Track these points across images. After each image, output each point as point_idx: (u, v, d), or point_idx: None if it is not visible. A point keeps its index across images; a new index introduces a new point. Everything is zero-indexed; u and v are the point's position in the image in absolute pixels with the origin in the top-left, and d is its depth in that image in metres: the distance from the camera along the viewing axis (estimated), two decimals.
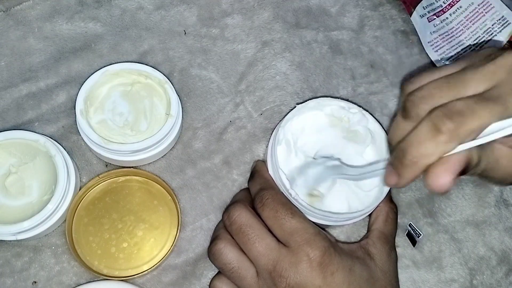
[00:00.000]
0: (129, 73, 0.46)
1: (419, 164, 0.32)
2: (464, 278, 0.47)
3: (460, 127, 0.31)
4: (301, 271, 0.38)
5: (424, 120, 0.32)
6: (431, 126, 0.32)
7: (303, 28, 0.53)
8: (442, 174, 0.32)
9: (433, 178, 0.32)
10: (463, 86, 0.32)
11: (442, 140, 0.31)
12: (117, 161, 0.46)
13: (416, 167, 0.32)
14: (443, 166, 0.32)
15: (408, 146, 0.33)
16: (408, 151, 0.33)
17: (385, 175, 0.36)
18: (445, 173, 0.32)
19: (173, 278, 0.45)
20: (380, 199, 0.41)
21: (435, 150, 0.32)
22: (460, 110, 0.31)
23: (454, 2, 0.49)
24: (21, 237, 0.42)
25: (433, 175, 0.32)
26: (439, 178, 0.32)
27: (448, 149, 0.31)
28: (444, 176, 0.32)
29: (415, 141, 0.32)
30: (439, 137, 0.31)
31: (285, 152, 0.44)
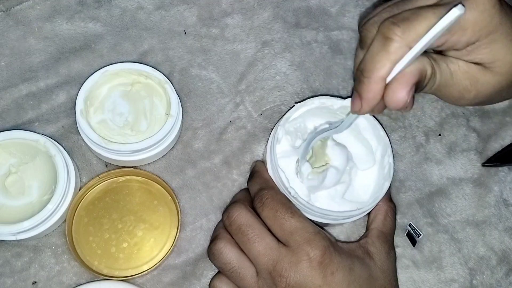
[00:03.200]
0: (129, 73, 0.46)
1: (375, 77, 0.33)
2: (464, 278, 0.47)
3: (407, 30, 0.31)
4: (301, 271, 0.38)
5: (375, 36, 0.33)
6: (381, 37, 0.32)
7: (303, 28, 0.53)
8: (398, 88, 0.33)
9: (390, 93, 0.33)
10: (411, 3, 0.34)
11: (392, 47, 0.32)
12: (117, 161, 0.46)
13: (373, 81, 0.33)
14: (398, 80, 0.33)
15: (364, 64, 0.33)
16: (364, 68, 0.33)
17: (351, 103, 0.36)
18: (400, 86, 0.33)
19: (173, 278, 0.45)
20: (379, 197, 0.42)
21: (387, 58, 0.32)
22: (406, 16, 0.32)
23: None
24: (21, 237, 0.42)
25: (390, 91, 0.33)
26: (395, 93, 0.33)
27: (399, 55, 0.32)
28: (400, 89, 0.33)
29: (368, 57, 0.33)
30: (389, 45, 0.32)
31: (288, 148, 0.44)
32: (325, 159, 0.43)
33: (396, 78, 0.33)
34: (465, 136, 0.50)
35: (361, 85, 0.34)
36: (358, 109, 0.35)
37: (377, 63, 0.32)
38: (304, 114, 0.44)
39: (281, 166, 0.42)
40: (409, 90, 0.33)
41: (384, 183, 0.42)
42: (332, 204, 0.42)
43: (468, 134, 0.50)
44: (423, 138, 0.50)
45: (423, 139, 0.50)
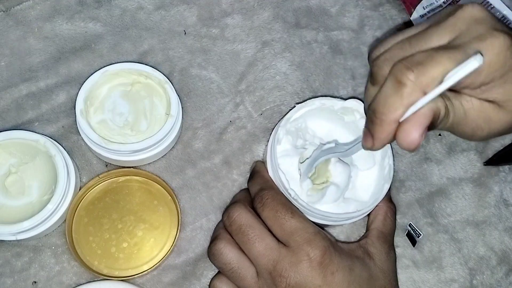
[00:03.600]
0: (129, 73, 0.46)
1: (387, 120, 0.33)
2: (464, 278, 0.47)
3: (421, 76, 0.31)
4: (301, 271, 0.38)
5: (388, 77, 0.33)
6: (394, 81, 0.32)
7: (303, 28, 0.53)
8: (410, 129, 0.32)
9: (403, 134, 0.32)
10: (425, 41, 0.33)
11: (405, 92, 0.31)
12: (117, 161, 0.46)
13: (386, 123, 0.33)
14: (411, 122, 0.32)
15: (376, 105, 0.33)
16: (376, 109, 0.33)
17: (362, 139, 0.36)
18: (413, 128, 0.32)
19: (173, 278, 0.45)
20: (379, 198, 0.41)
21: (400, 103, 0.32)
22: (420, 60, 0.31)
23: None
24: (21, 237, 0.42)
25: (402, 132, 0.32)
26: (408, 133, 0.32)
27: (412, 100, 0.32)
28: (413, 131, 0.32)
29: (381, 99, 0.33)
30: (402, 90, 0.31)
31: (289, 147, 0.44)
32: (326, 175, 0.43)
33: (409, 119, 0.32)
34: None
35: (373, 126, 0.34)
36: (370, 146, 0.35)
37: (390, 106, 0.32)
38: (304, 114, 0.44)
39: (281, 166, 0.42)
40: (422, 132, 0.32)
41: (384, 184, 0.42)
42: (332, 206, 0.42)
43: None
44: None
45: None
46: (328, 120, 0.45)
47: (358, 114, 0.44)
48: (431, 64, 0.31)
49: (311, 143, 0.44)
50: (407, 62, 0.32)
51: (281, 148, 0.43)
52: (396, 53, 0.33)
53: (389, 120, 0.33)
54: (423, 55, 0.32)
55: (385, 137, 0.33)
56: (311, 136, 0.45)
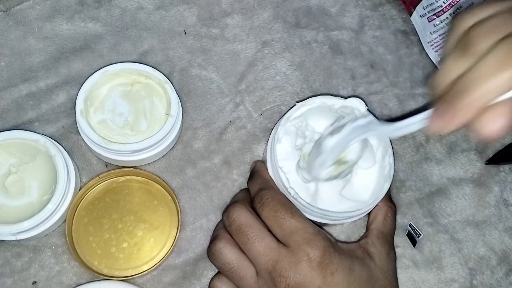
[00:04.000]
0: (129, 73, 0.46)
1: (479, 102, 0.28)
2: (464, 278, 0.47)
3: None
4: (301, 271, 0.38)
5: (492, 51, 0.28)
6: (501, 58, 0.27)
7: (303, 28, 0.53)
8: (495, 117, 0.28)
9: (485, 122, 0.28)
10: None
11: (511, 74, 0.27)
12: (117, 161, 0.46)
13: (476, 105, 0.28)
14: (497, 110, 0.28)
15: (469, 83, 0.28)
16: (470, 87, 0.28)
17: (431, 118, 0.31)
18: (499, 116, 0.28)
19: (173, 278, 0.45)
20: (379, 198, 0.41)
21: (504, 85, 0.27)
22: None
23: (454, 2, 0.49)
24: (21, 237, 0.42)
25: (485, 119, 0.28)
26: (491, 122, 0.28)
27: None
28: (497, 120, 0.28)
29: (479, 76, 0.28)
30: (509, 70, 0.27)
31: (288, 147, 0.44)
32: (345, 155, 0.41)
33: (497, 106, 0.28)
34: (465, 135, 0.50)
35: (458, 105, 0.29)
36: (440, 128, 0.30)
37: (488, 87, 0.27)
38: (305, 113, 0.44)
39: (281, 166, 0.42)
40: (506, 122, 0.28)
41: (384, 183, 0.42)
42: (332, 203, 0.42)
43: (468, 134, 0.50)
44: (423, 138, 0.50)
45: (423, 139, 0.50)
46: (328, 118, 0.45)
47: (359, 113, 0.44)
48: None
49: (311, 139, 0.44)
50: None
51: (281, 147, 0.43)
52: (501, 25, 0.29)
53: (481, 102, 0.28)
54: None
55: (466, 120, 0.29)
56: (311, 133, 0.45)
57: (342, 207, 0.42)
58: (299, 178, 0.43)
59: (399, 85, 0.52)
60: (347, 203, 0.43)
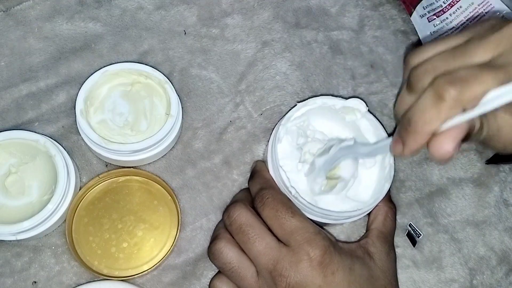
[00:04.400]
0: (129, 73, 0.46)
1: (422, 131, 0.33)
2: (464, 278, 0.47)
3: (462, 93, 0.31)
4: (302, 270, 0.38)
5: (427, 89, 0.32)
6: (434, 94, 0.32)
7: (303, 28, 0.53)
8: (445, 141, 0.32)
9: (436, 145, 0.33)
10: (469, 56, 0.32)
11: (445, 107, 0.31)
12: (117, 161, 0.46)
13: (420, 134, 0.33)
14: (446, 134, 0.32)
15: (412, 115, 0.33)
16: (412, 119, 0.33)
17: (392, 144, 0.36)
18: (447, 140, 0.32)
19: (173, 278, 0.45)
20: (379, 198, 0.42)
21: (437, 116, 0.32)
22: (463, 76, 0.31)
23: (454, 2, 0.49)
24: (21, 237, 0.42)
25: (436, 143, 0.33)
26: (442, 145, 0.32)
27: (450, 115, 0.32)
28: (447, 143, 0.32)
29: (418, 110, 0.33)
30: (441, 105, 0.31)
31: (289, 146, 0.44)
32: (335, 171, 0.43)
33: (443, 132, 0.33)
34: None
35: (406, 134, 0.34)
36: (399, 152, 0.35)
37: (427, 118, 0.32)
38: (306, 113, 0.44)
39: (282, 165, 0.42)
40: (456, 145, 0.32)
41: (385, 184, 0.42)
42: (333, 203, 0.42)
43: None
44: None
45: None
46: (329, 119, 0.45)
47: (359, 114, 0.44)
48: (475, 83, 0.31)
49: (313, 139, 0.44)
50: (450, 77, 0.31)
51: (281, 146, 0.43)
52: (438, 65, 0.33)
53: (424, 132, 0.33)
54: (467, 72, 0.31)
55: (416, 147, 0.34)
56: (312, 132, 0.45)
57: (342, 207, 0.42)
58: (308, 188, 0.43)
59: (399, 85, 0.52)
60: (348, 203, 0.43)
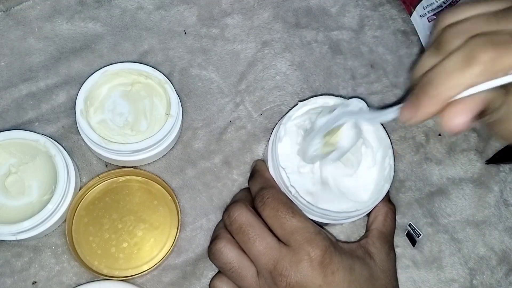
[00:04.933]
0: (129, 73, 0.46)
1: (442, 96, 0.29)
2: (464, 278, 0.47)
3: (500, 57, 0.28)
4: (302, 270, 0.38)
5: (460, 48, 0.29)
6: (467, 55, 0.29)
7: (303, 28, 0.53)
8: (460, 113, 0.29)
9: (450, 117, 0.30)
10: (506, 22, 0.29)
11: (475, 70, 0.28)
12: (117, 161, 0.46)
13: (438, 99, 0.30)
14: (462, 105, 0.29)
15: (435, 76, 0.30)
16: (434, 81, 0.30)
17: (401, 109, 0.33)
18: (463, 111, 0.29)
19: (173, 278, 0.45)
20: (379, 198, 0.42)
21: (464, 81, 0.29)
22: (504, 40, 0.28)
23: (454, 2, 0.49)
24: (21, 237, 0.42)
25: (450, 114, 0.30)
26: (455, 116, 0.29)
27: (478, 81, 0.29)
28: (461, 115, 0.29)
29: (443, 71, 0.30)
30: (473, 67, 0.28)
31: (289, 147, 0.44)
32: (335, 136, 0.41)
33: (461, 101, 0.30)
34: (465, 136, 0.50)
35: (423, 97, 0.31)
36: (409, 117, 0.32)
37: (451, 82, 0.29)
38: (306, 113, 0.44)
39: (282, 164, 0.42)
40: (470, 118, 0.30)
41: (384, 184, 0.42)
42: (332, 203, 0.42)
43: (468, 134, 0.50)
44: (423, 138, 0.50)
45: (423, 139, 0.50)
46: None
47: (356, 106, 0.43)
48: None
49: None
50: (490, 39, 0.28)
51: (282, 146, 0.43)
52: (477, 26, 0.30)
53: (444, 96, 0.29)
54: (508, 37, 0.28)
55: (431, 112, 0.30)
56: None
57: (342, 207, 0.42)
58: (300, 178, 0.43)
59: (399, 85, 0.52)
60: (347, 203, 0.43)
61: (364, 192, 0.44)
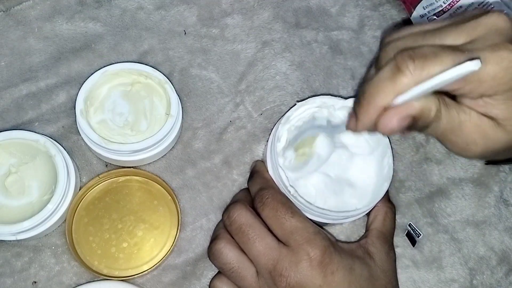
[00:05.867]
0: (129, 73, 0.46)
1: (374, 104, 0.33)
2: (464, 278, 0.47)
3: (420, 68, 0.31)
4: (302, 270, 0.38)
5: (388, 62, 0.33)
6: (393, 66, 0.32)
7: (303, 28, 0.53)
8: (391, 115, 0.32)
9: (383, 119, 0.33)
10: (440, 38, 0.33)
11: (400, 79, 0.31)
12: (117, 161, 0.46)
13: (372, 107, 0.33)
14: (395, 109, 0.32)
15: (368, 86, 0.33)
16: (367, 91, 0.33)
17: (347, 119, 0.36)
18: (394, 114, 0.32)
19: (173, 278, 0.45)
20: (378, 198, 0.42)
21: (392, 89, 0.32)
22: (424, 53, 0.31)
23: (454, 2, 0.49)
24: (21, 237, 0.42)
25: (384, 117, 0.33)
26: (387, 119, 0.33)
27: (404, 90, 0.32)
28: (393, 117, 0.32)
29: (375, 81, 0.33)
30: (398, 77, 0.31)
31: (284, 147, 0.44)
32: (311, 146, 0.43)
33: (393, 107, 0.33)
34: None
35: (359, 107, 0.34)
36: (353, 128, 0.35)
37: (381, 91, 0.32)
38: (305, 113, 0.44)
39: (281, 165, 0.42)
40: (401, 121, 0.32)
41: (384, 184, 0.42)
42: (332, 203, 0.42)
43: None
44: (423, 138, 0.50)
45: (423, 139, 0.50)
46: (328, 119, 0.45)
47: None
48: (434, 60, 0.31)
49: None
50: (412, 52, 0.32)
51: (281, 146, 0.43)
52: (407, 42, 0.33)
53: (375, 105, 0.33)
54: (429, 50, 0.31)
55: (367, 121, 0.34)
56: None
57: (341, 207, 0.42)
58: None
59: None
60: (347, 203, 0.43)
61: (363, 192, 0.44)
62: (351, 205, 0.42)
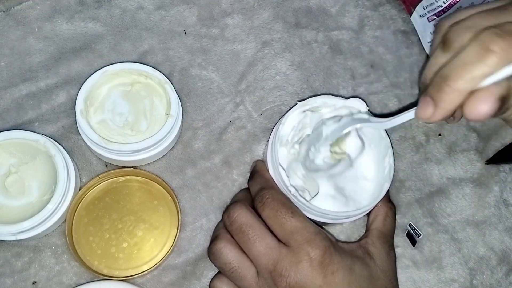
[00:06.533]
0: (129, 73, 0.46)
1: (461, 88, 0.30)
2: (464, 278, 0.47)
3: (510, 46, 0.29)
4: (302, 270, 0.38)
5: (472, 43, 0.30)
6: (480, 47, 0.30)
7: (303, 28, 0.53)
8: (482, 99, 0.30)
9: (473, 104, 0.30)
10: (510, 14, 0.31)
11: (492, 60, 0.29)
12: (117, 161, 0.46)
13: (457, 92, 0.30)
14: (485, 91, 0.30)
15: (452, 71, 0.31)
16: (452, 76, 0.31)
17: (419, 107, 0.33)
18: (485, 97, 0.30)
19: (173, 278, 0.45)
20: (379, 198, 0.41)
21: (482, 71, 0.30)
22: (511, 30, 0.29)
23: (454, 2, 0.49)
24: (21, 237, 0.42)
25: (472, 102, 0.30)
26: (478, 104, 0.30)
27: (494, 69, 0.29)
28: (484, 101, 0.30)
29: (459, 65, 0.30)
30: (488, 58, 0.29)
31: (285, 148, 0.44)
32: (341, 145, 0.42)
33: (482, 89, 0.30)
34: (465, 136, 0.50)
35: (440, 93, 0.31)
36: (429, 115, 0.33)
37: (469, 74, 0.30)
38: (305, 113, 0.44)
39: (282, 164, 0.42)
40: (493, 102, 0.30)
41: (384, 184, 0.42)
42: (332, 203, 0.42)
43: (468, 134, 0.50)
44: (423, 138, 0.50)
45: (423, 139, 0.50)
46: None
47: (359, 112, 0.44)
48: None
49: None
50: (498, 30, 0.30)
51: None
52: (481, 21, 0.31)
53: (462, 89, 0.30)
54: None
55: (450, 107, 0.31)
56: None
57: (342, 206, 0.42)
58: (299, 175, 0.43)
59: (399, 85, 0.52)
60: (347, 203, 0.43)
61: (364, 192, 0.44)
62: (351, 205, 0.42)
